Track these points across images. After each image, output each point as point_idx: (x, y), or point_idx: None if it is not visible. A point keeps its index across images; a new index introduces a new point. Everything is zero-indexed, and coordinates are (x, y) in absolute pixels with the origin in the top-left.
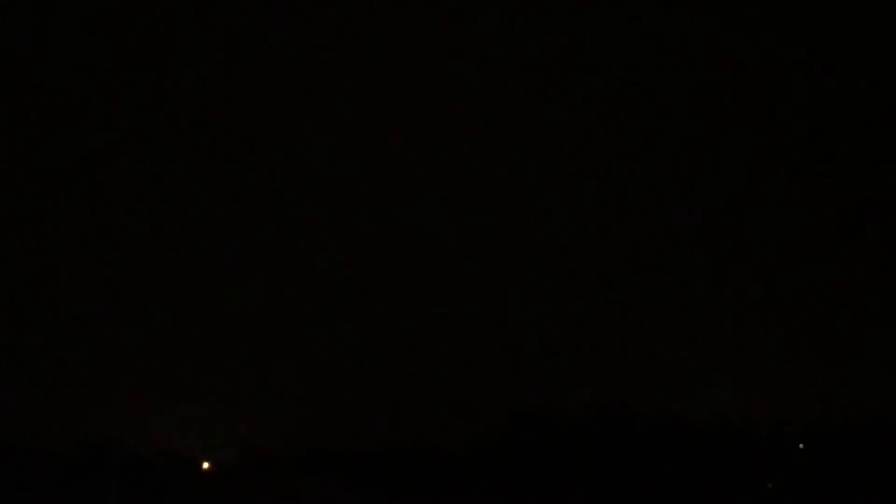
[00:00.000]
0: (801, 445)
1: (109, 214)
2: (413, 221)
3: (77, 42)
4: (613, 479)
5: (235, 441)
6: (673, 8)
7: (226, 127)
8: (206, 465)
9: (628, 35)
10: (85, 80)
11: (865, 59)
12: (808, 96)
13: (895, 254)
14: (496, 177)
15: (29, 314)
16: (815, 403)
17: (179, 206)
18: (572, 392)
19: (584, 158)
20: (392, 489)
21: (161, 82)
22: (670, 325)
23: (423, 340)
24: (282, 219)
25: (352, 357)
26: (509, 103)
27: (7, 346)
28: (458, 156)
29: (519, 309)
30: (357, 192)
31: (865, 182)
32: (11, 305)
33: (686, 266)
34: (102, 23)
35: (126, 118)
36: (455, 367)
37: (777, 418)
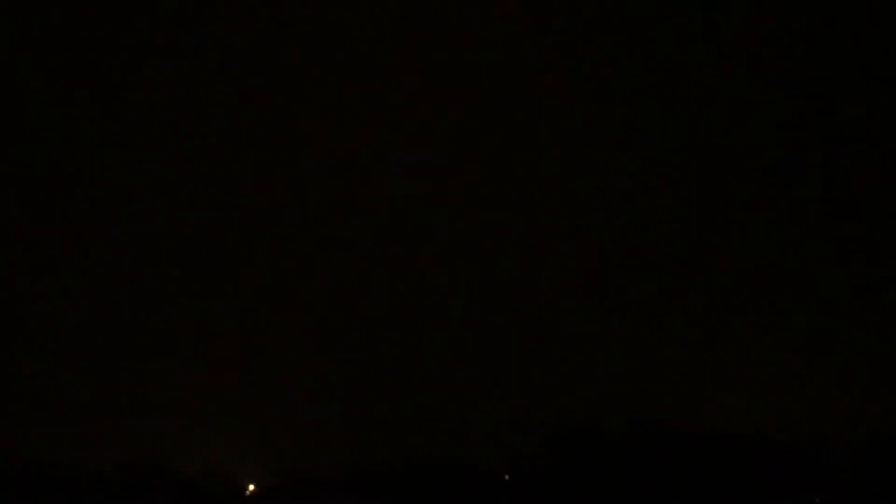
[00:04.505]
0: (850, 460)
1: (148, 240)
2: (449, 241)
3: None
4: (655, 495)
5: (279, 462)
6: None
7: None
8: (251, 487)
9: (623, 35)
10: (83, 79)
11: (865, 59)
12: (808, 97)
13: None
14: (536, 194)
15: (73, 337)
16: (863, 416)
17: (212, 230)
18: (611, 408)
19: (607, 175)
20: None
21: (159, 82)
22: (713, 339)
23: (462, 358)
24: (312, 238)
25: (393, 376)
26: (513, 109)
27: (51, 369)
28: (496, 169)
29: (557, 326)
30: (385, 207)
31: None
32: (55, 329)
33: (730, 279)
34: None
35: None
36: (494, 385)
37: (824, 432)
